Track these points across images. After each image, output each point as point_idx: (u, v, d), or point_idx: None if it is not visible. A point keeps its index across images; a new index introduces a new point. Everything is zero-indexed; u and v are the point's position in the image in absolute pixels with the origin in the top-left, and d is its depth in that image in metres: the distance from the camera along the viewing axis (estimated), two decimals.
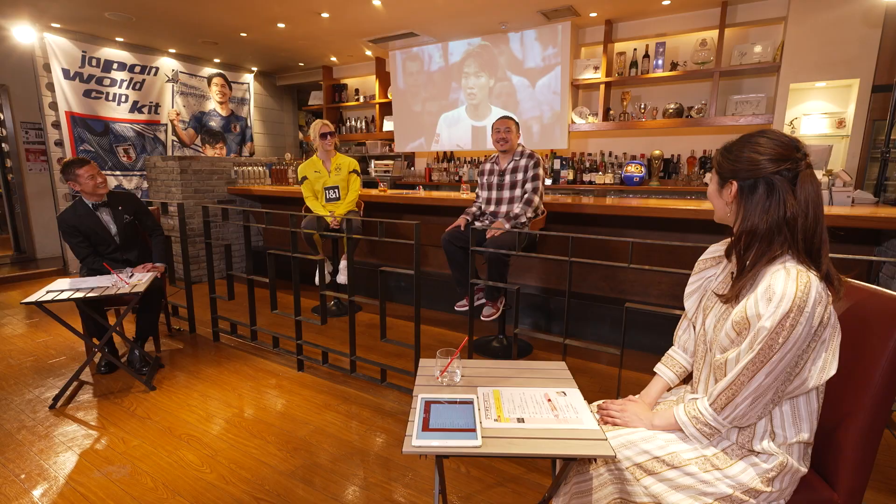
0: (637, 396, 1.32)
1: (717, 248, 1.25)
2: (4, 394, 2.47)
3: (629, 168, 4.57)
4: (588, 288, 3.34)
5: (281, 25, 4.82)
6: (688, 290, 1.27)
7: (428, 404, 1.22)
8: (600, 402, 1.31)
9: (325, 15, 4.47)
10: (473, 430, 1.10)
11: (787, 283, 0.93)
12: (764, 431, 1.05)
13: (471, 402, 1.23)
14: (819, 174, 3.05)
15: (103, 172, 2.72)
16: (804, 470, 1.07)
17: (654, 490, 1.08)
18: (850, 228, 2.37)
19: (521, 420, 1.16)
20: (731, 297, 1.06)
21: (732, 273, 1.13)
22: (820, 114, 3.91)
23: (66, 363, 2.86)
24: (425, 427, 1.12)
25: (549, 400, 1.25)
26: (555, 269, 3.42)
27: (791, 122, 3.97)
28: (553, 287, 3.43)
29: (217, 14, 4.52)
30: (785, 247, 0.99)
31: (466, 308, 2.88)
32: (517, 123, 2.85)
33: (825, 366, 0.99)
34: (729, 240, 1.19)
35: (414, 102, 5.84)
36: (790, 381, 0.99)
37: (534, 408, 1.21)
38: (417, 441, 1.06)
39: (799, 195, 0.98)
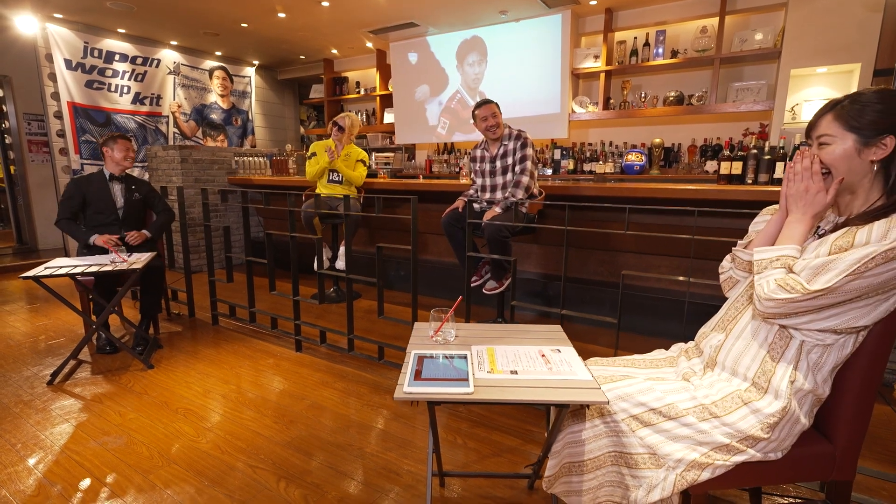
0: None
1: None
2: (3, 371, 2.48)
3: (629, 157, 4.56)
4: (587, 273, 3.32)
5: (281, 15, 4.83)
6: (756, 222, 1.23)
7: (421, 358, 1.21)
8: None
9: (325, 4, 4.48)
10: (466, 380, 1.09)
11: None
12: (786, 369, 1.03)
13: (464, 357, 1.22)
14: None
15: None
16: (805, 423, 1.05)
17: (649, 441, 1.07)
18: None
19: (514, 372, 1.15)
20: (834, 229, 1.02)
21: (818, 227, 1.09)
22: (821, 100, 3.88)
23: (65, 344, 2.86)
24: (417, 377, 1.11)
25: (543, 356, 1.25)
26: (554, 255, 3.41)
27: (792, 109, 3.96)
28: (552, 273, 3.42)
29: (218, 4, 4.53)
30: None
31: (475, 284, 2.87)
32: (498, 106, 2.80)
33: (866, 315, 0.96)
34: None
35: (415, 94, 5.84)
36: (845, 313, 0.95)
37: (527, 362, 1.21)
38: (409, 388, 1.06)
39: None
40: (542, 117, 5.01)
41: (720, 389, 1.07)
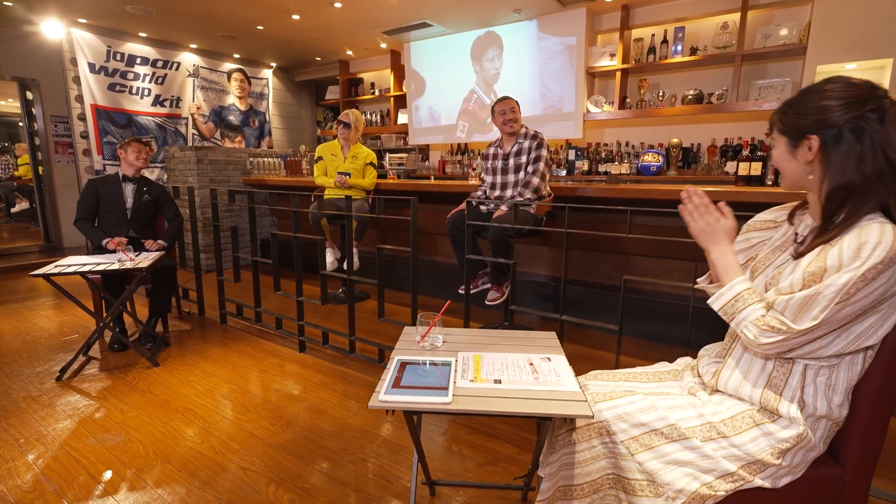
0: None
1: (770, 214, 1.14)
2: (16, 366, 2.54)
3: (646, 157, 4.43)
4: (599, 277, 3.23)
5: (295, 17, 4.87)
6: (737, 247, 1.16)
7: (403, 365, 1.18)
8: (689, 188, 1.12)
9: (337, 5, 4.49)
10: (445, 389, 1.05)
11: (882, 234, 0.83)
12: (793, 396, 0.95)
13: (448, 364, 1.18)
14: None
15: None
16: (821, 449, 0.98)
17: (648, 467, 0.99)
18: None
19: (498, 381, 1.10)
20: (804, 252, 0.96)
21: (797, 234, 1.03)
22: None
23: (79, 340, 2.92)
24: (396, 385, 1.08)
25: (532, 364, 1.19)
26: (563, 258, 3.33)
27: None
28: (561, 275, 3.34)
29: (233, 6, 4.59)
30: (883, 198, 0.88)
31: (472, 291, 2.82)
32: (518, 104, 2.79)
33: (869, 333, 0.90)
34: (791, 205, 1.10)
35: (429, 94, 5.82)
36: (849, 334, 0.90)
37: (514, 371, 1.16)
38: (385, 396, 1.02)
39: (893, 135, 0.88)
40: (556, 116, 4.92)
41: (730, 407, 1.00)
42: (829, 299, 0.85)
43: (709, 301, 1.04)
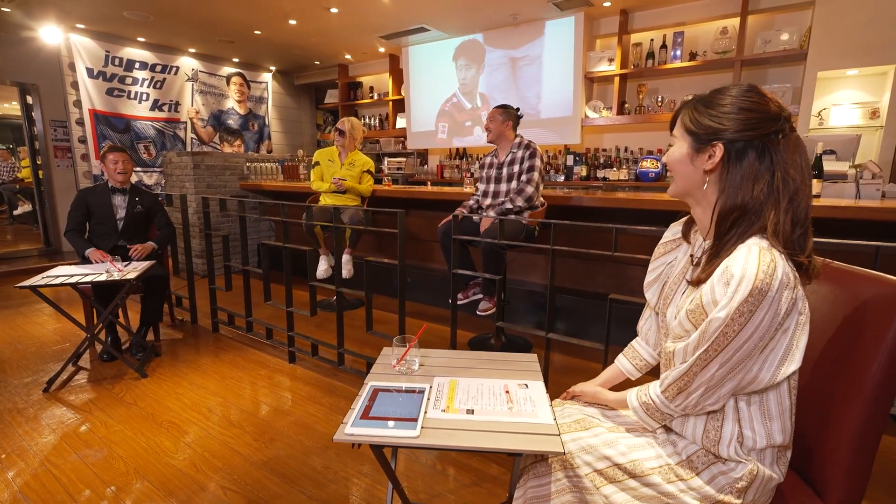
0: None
1: (670, 232, 1.12)
2: (4, 376, 2.53)
3: (644, 163, 4.39)
4: (595, 286, 3.19)
5: (292, 22, 4.86)
6: (648, 278, 1.14)
7: (376, 392, 1.15)
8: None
9: (334, 10, 4.47)
10: (415, 420, 1.02)
11: (746, 264, 0.80)
12: (731, 436, 0.92)
13: (421, 392, 1.15)
14: (845, 166, 2.83)
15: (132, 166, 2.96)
16: (778, 477, 0.94)
17: (615, 500, 0.96)
18: (881, 223, 2.18)
19: (470, 411, 1.07)
20: (703, 279, 0.95)
21: (692, 255, 1.01)
22: (851, 104, 3.64)
23: (70, 349, 2.91)
24: (365, 415, 1.05)
25: (508, 392, 1.16)
26: (560, 267, 3.29)
27: (819, 114, 3.72)
28: (558, 284, 3.30)
29: (229, 11, 4.59)
30: (771, 222, 0.84)
31: (461, 302, 2.80)
32: (507, 112, 2.77)
33: (786, 358, 0.86)
34: (686, 218, 1.07)
35: (427, 99, 5.79)
36: (749, 372, 0.87)
37: (488, 399, 1.12)
38: (351, 429, 0.99)
39: (793, 161, 0.84)
40: (554, 122, 4.89)
41: (684, 447, 0.97)
42: (713, 336, 0.83)
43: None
